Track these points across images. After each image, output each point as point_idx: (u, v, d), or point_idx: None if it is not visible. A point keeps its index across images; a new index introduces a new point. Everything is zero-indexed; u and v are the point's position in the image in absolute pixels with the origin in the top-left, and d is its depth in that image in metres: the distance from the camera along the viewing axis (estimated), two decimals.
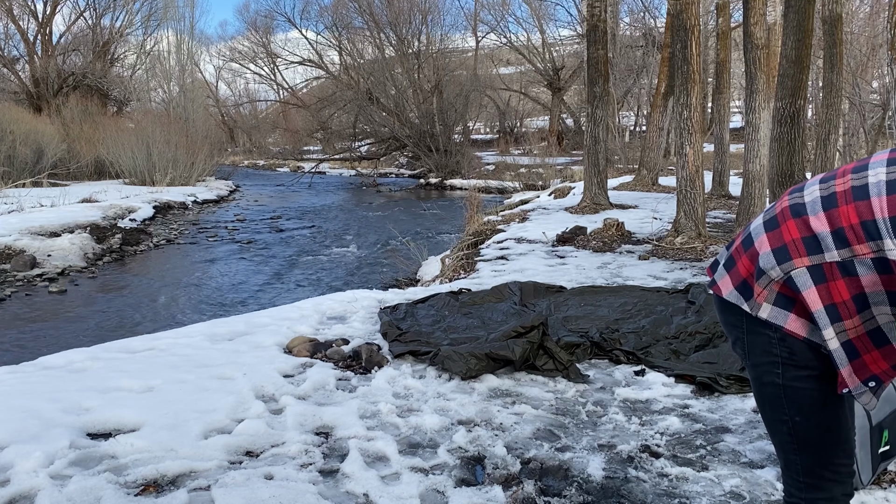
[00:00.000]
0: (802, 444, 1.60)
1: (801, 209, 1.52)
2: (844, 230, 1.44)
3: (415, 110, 27.80)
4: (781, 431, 1.63)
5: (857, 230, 1.42)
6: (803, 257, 1.49)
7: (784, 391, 1.58)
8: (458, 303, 5.12)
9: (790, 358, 1.56)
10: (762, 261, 1.54)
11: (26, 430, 2.89)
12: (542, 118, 39.99)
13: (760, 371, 1.62)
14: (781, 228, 1.54)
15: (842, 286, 1.46)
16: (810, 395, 1.56)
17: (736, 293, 1.61)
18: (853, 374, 1.51)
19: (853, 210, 1.43)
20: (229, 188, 22.67)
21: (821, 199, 1.50)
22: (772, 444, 2.29)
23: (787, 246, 1.51)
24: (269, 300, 7.93)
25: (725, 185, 12.67)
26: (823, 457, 1.60)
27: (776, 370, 1.58)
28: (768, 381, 1.60)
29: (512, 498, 2.53)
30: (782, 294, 1.53)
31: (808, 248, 1.48)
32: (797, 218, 1.52)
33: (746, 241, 1.61)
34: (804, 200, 1.53)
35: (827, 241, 1.46)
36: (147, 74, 30.83)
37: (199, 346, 4.16)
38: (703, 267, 6.72)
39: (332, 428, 3.09)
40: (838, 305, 1.48)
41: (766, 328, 1.57)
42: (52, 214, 11.69)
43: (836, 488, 1.61)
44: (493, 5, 37.23)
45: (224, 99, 50.11)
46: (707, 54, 19.20)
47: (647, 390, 3.57)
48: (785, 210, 1.56)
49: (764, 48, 9.25)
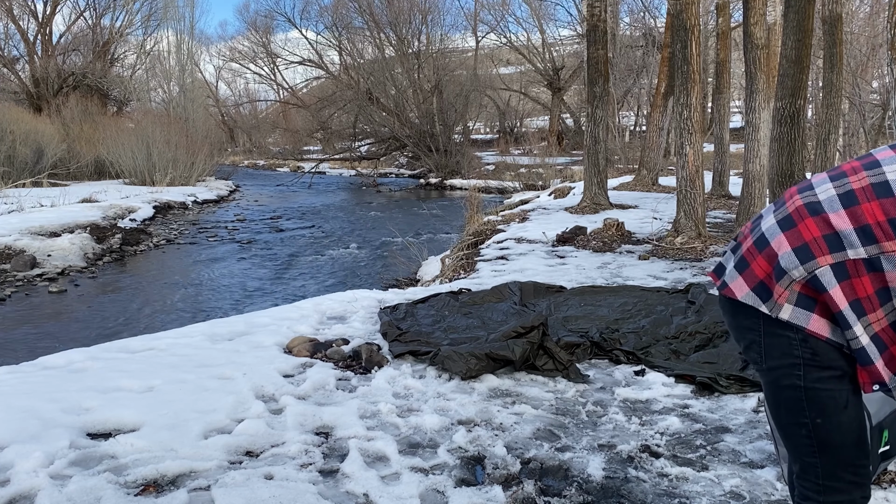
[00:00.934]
0: (823, 446, 1.58)
1: (818, 207, 1.51)
2: (871, 227, 1.44)
3: (415, 110, 27.80)
4: (800, 435, 1.60)
5: (884, 227, 1.42)
6: (826, 255, 1.47)
7: (805, 393, 1.55)
8: (458, 303, 5.12)
9: (813, 359, 1.53)
10: (783, 261, 1.52)
11: (26, 430, 2.89)
12: (542, 118, 40.00)
13: (779, 374, 1.58)
14: (799, 227, 1.52)
15: (866, 282, 1.46)
16: (833, 397, 1.54)
17: (753, 295, 1.58)
18: (886, 367, 1.50)
19: (878, 207, 1.43)
20: (229, 188, 22.67)
21: (838, 197, 1.49)
22: (775, 443, 2.27)
23: (808, 245, 1.49)
24: (269, 300, 7.94)
25: (725, 185, 12.67)
26: (844, 458, 1.58)
27: (797, 372, 1.55)
28: (787, 384, 1.57)
29: (512, 498, 2.53)
30: (804, 294, 1.51)
31: (831, 246, 1.47)
32: (816, 216, 1.50)
33: (760, 242, 1.58)
34: (819, 198, 1.51)
35: (851, 238, 1.45)
36: (147, 74, 30.87)
37: (199, 346, 4.16)
38: (703, 267, 6.72)
39: (332, 428, 3.09)
40: (862, 300, 1.47)
41: (786, 329, 1.55)
42: (52, 214, 11.69)
43: (856, 490, 1.60)
44: (493, 5, 37.29)
45: (224, 99, 50.18)
46: (707, 54, 19.19)
47: (647, 390, 3.57)
48: (801, 209, 1.53)
49: (764, 48, 9.24)
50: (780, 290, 1.53)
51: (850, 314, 1.47)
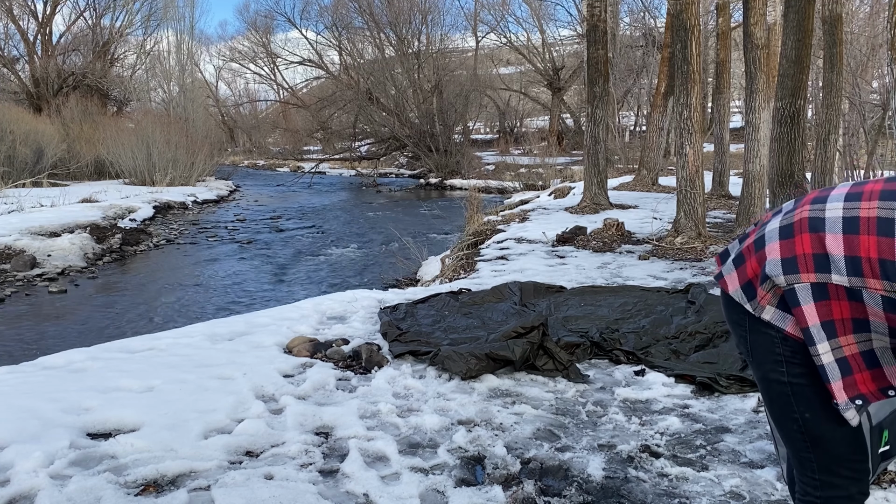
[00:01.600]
0: (815, 441, 1.60)
1: (819, 224, 1.49)
2: (861, 261, 1.42)
3: (415, 110, 27.80)
4: (792, 429, 1.63)
5: (874, 265, 1.40)
6: (810, 273, 1.48)
7: (791, 388, 1.59)
8: (458, 303, 5.12)
9: (793, 356, 1.56)
10: (768, 267, 1.54)
11: (26, 430, 2.89)
12: (542, 118, 39.99)
13: (765, 370, 1.62)
14: (795, 239, 1.52)
15: (845, 307, 1.47)
16: (817, 392, 1.56)
17: (740, 292, 1.63)
18: (843, 391, 1.52)
19: (874, 244, 1.40)
20: (229, 188, 22.67)
21: (842, 220, 1.46)
22: (775, 443, 2.28)
23: (796, 258, 1.50)
24: (269, 300, 7.94)
25: (725, 185, 12.67)
26: (838, 454, 1.60)
27: (780, 368, 1.59)
28: (774, 378, 1.61)
29: (512, 498, 2.53)
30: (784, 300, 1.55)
31: (817, 266, 1.48)
32: (813, 233, 1.49)
33: (759, 242, 1.60)
34: (825, 216, 1.49)
35: (839, 264, 1.44)
36: (147, 74, 30.85)
37: (199, 346, 4.16)
38: (703, 267, 6.72)
39: (332, 428, 3.09)
40: (836, 322, 1.48)
41: (768, 328, 1.58)
42: (52, 214, 11.69)
43: (853, 486, 1.61)
44: (493, 5, 37.27)
45: (224, 99, 50.17)
46: (707, 54, 19.20)
47: (647, 390, 3.57)
48: (803, 221, 1.52)
49: (764, 48, 9.25)
50: (763, 292, 1.57)
51: (819, 332, 1.49)
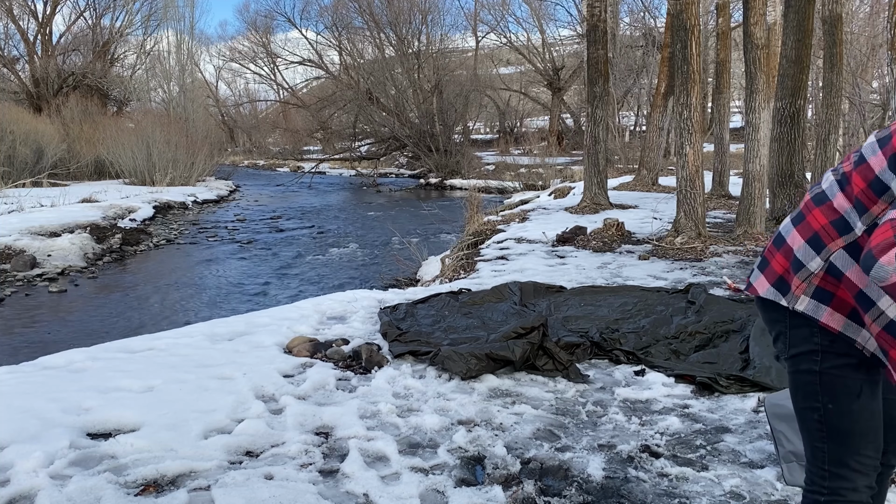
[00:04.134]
0: (832, 432, 1.63)
1: (822, 196, 1.62)
2: (860, 199, 1.52)
3: (415, 110, 27.79)
4: (812, 419, 1.66)
5: (867, 193, 1.51)
6: (836, 239, 1.56)
7: (820, 378, 1.62)
8: (458, 303, 5.12)
9: (831, 346, 1.61)
10: (799, 254, 1.60)
11: (26, 430, 2.89)
12: (542, 118, 39.98)
13: (799, 360, 1.66)
14: (808, 219, 1.62)
15: None
16: (846, 384, 1.60)
17: (773, 290, 1.67)
18: None
19: (858, 177, 1.53)
20: (229, 188, 22.67)
21: (836, 182, 1.60)
22: (775, 443, 2.29)
23: (818, 234, 1.58)
24: (269, 300, 7.94)
25: (725, 185, 12.67)
26: (852, 447, 1.63)
27: (815, 357, 1.62)
28: (805, 368, 1.65)
29: (512, 498, 2.53)
30: (821, 288, 1.59)
31: (839, 229, 1.56)
32: (821, 205, 1.60)
33: (777, 240, 1.68)
34: (823, 188, 1.63)
35: (852, 216, 1.54)
36: (147, 74, 30.83)
37: (199, 346, 4.16)
38: (703, 267, 6.71)
39: (332, 428, 3.09)
40: None
41: (805, 321, 1.63)
42: (52, 214, 11.69)
43: (861, 479, 1.64)
44: (493, 5, 37.27)
45: (224, 99, 50.14)
46: (707, 54, 19.19)
47: (647, 390, 3.57)
48: (808, 202, 1.65)
49: (764, 48, 9.23)
50: (798, 282, 1.62)
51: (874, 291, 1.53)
